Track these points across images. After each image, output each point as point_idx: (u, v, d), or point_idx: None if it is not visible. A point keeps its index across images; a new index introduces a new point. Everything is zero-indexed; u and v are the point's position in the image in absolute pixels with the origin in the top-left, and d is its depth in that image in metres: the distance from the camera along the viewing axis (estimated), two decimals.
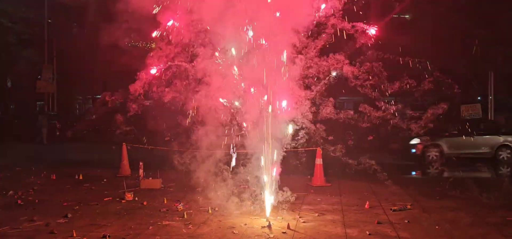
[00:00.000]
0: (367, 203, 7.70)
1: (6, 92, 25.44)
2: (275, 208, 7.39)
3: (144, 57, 7.53)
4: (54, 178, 10.53)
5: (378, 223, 6.56)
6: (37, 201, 7.99)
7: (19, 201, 7.94)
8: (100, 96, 27.27)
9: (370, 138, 19.10)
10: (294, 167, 14.84)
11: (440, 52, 20.39)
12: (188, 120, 7.43)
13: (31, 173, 11.43)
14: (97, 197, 8.37)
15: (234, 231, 6.07)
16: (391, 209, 7.39)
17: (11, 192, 8.64)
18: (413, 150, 14.78)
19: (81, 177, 10.47)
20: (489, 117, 21.92)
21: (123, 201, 7.98)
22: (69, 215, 6.88)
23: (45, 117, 20.59)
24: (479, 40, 18.58)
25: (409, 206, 7.55)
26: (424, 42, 20.83)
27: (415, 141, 14.95)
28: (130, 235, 5.88)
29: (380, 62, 7.97)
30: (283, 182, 9.87)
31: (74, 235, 5.77)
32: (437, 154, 14.60)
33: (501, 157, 14.73)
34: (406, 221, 6.66)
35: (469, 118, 22.05)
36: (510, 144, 14.65)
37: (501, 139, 14.90)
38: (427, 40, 20.65)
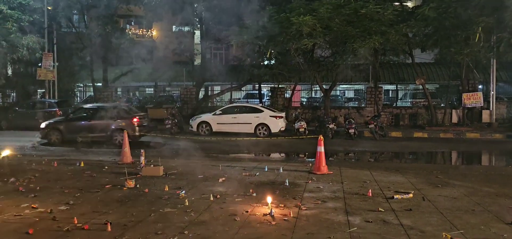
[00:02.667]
0: (369, 190, 7.68)
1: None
2: (277, 195, 7.40)
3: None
4: (56, 165, 10.52)
5: (380, 210, 6.55)
6: (38, 188, 7.98)
7: (20, 188, 7.93)
8: (100, 84, 27.28)
9: None
10: (296, 154, 14.91)
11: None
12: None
13: (33, 160, 11.45)
14: (99, 184, 8.36)
15: (236, 218, 6.06)
16: (393, 197, 7.38)
17: (12, 179, 8.63)
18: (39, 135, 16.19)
19: (82, 164, 10.46)
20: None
21: (124, 188, 7.96)
22: (71, 202, 6.89)
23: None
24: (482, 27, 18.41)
25: (411, 194, 7.54)
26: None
27: (43, 125, 16.24)
28: (131, 222, 5.86)
29: None
30: (284, 170, 9.91)
31: (76, 222, 5.75)
32: (58, 137, 15.87)
33: (116, 140, 15.49)
34: (408, 209, 6.65)
35: (470, 107, 22.12)
36: (124, 127, 15.26)
37: (114, 122, 15.82)
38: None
